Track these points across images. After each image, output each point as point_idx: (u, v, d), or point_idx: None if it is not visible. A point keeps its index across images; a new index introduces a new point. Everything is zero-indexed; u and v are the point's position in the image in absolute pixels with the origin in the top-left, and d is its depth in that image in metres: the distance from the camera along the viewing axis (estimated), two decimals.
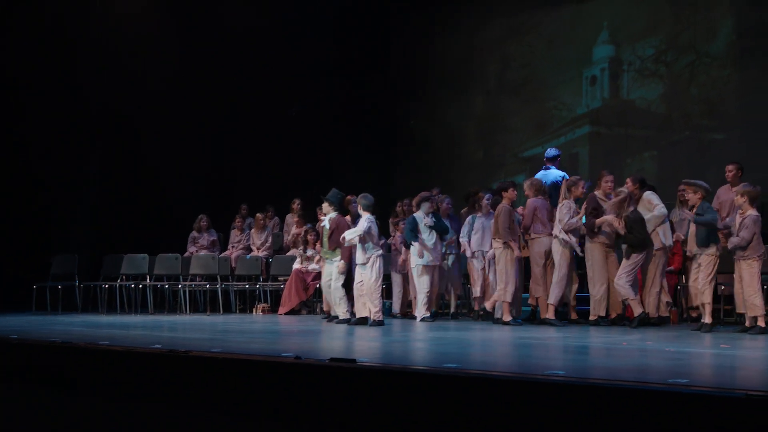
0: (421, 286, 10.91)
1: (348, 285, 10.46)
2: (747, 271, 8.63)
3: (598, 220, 9.75)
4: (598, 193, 10.09)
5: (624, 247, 9.59)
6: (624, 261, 9.55)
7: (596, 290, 9.83)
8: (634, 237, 9.43)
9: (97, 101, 14.36)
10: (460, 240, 11.22)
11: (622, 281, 9.46)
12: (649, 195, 9.95)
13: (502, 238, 9.95)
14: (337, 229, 10.41)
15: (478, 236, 10.93)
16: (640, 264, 9.53)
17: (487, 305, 10.52)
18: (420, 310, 10.87)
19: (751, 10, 13.21)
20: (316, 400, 5.20)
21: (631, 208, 9.56)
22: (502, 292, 9.98)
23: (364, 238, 9.89)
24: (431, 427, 4.65)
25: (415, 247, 10.87)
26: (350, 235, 9.97)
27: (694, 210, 9.11)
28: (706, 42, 13.71)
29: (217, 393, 5.68)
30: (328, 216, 10.63)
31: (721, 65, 13.59)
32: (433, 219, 10.97)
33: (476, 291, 11.07)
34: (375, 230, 10.05)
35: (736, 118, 13.38)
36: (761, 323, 8.59)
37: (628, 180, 10.04)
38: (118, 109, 14.46)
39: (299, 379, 5.38)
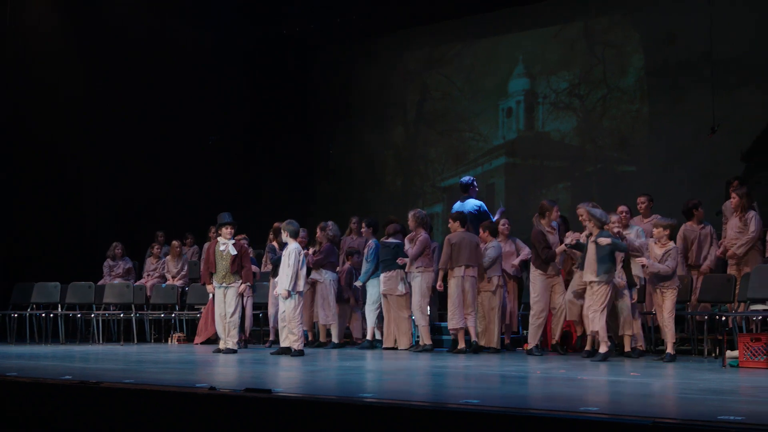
0: (404, 314, 10.97)
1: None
2: (670, 300, 8.92)
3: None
4: (543, 222, 10.21)
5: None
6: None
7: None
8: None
9: (7, 121, 13.99)
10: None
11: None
12: None
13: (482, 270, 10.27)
14: (242, 254, 10.30)
15: None
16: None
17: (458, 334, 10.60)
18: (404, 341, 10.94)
19: (659, 48, 13.71)
20: (230, 431, 5.16)
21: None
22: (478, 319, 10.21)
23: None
24: None
25: (398, 275, 10.91)
26: (286, 279, 9.80)
27: (592, 237, 9.07)
28: (618, 77, 14.15)
29: (130, 425, 5.58)
30: (230, 240, 10.41)
31: (631, 99, 14.04)
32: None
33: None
34: (303, 259, 10.01)
35: (645, 151, 13.82)
36: (671, 350, 8.88)
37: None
38: (30, 132, 14.11)
39: (214, 410, 5.33)
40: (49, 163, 14.42)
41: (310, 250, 11.37)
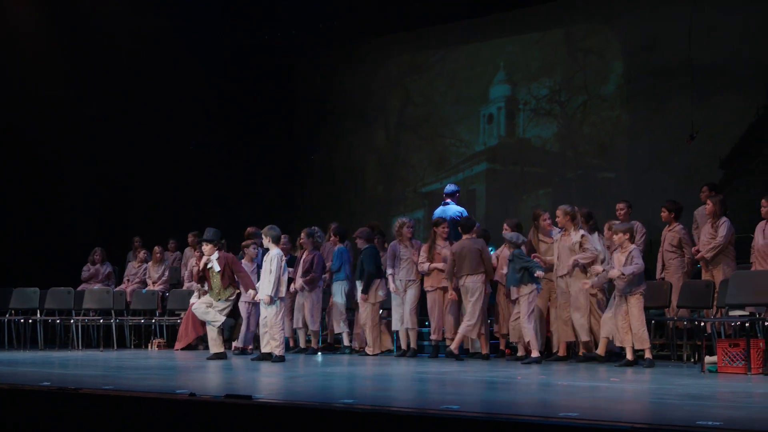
0: (374, 321, 11.05)
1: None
2: (636, 306, 8.92)
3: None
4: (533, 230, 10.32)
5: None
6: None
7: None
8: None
9: None
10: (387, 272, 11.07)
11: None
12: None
13: (491, 276, 10.23)
14: (230, 265, 10.28)
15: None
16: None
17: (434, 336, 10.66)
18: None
19: (639, 56, 13.79)
20: None
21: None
22: (472, 327, 10.06)
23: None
24: None
25: (375, 281, 10.99)
26: (268, 285, 9.75)
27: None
28: (598, 84, 14.23)
29: None
30: (213, 256, 10.35)
31: (611, 106, 14.11)
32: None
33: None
34: (284, 265, 9.99)
35: (625, 158, 13.90)
36: (648, 355, 8.91)
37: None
38: (10, 135, 14.03)
39: (194, 416, 5.32)
40: (28, 166, 14.34)
41: (299, 272, 11.32)
